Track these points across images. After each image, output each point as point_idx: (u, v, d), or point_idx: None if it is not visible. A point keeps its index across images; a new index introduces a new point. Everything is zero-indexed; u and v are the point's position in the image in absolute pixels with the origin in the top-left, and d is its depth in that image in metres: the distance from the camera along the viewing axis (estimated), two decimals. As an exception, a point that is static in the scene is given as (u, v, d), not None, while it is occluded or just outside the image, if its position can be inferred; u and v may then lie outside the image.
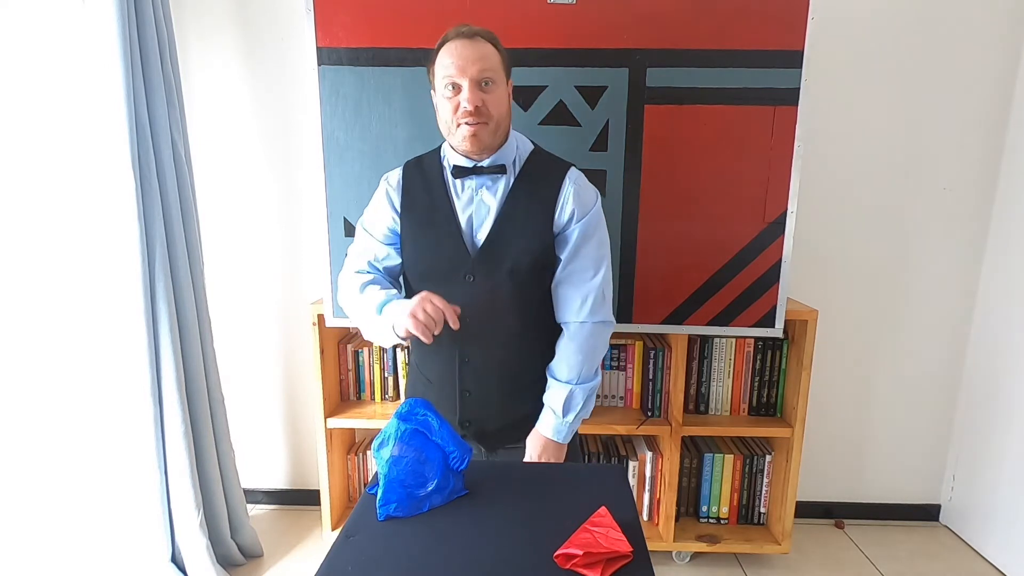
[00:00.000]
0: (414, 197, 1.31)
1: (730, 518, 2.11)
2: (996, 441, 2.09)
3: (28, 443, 1.81)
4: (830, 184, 2.09)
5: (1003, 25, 1.99)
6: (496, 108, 1.20)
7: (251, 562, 2.09)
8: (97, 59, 1.64)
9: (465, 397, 1.32)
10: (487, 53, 1.19)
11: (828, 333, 2.14)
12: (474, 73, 1.17)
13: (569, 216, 1.25)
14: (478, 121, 1.18)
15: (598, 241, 1.29)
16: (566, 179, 1.27)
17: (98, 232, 1.76)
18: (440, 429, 1.03)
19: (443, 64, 1.19)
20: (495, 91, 1.20)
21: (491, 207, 1.26)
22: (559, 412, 1.29)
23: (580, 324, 1.28)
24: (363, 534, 0.93)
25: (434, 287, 1.23)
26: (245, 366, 2.29)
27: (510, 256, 1.23)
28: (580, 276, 1.27)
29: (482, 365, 1.30)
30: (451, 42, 1.19)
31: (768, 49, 1.64)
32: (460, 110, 1.18)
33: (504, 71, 1.24)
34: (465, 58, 1.17)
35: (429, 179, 1.30)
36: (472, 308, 1.23)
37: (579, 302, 1.27)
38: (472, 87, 1.17)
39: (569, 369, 1.28)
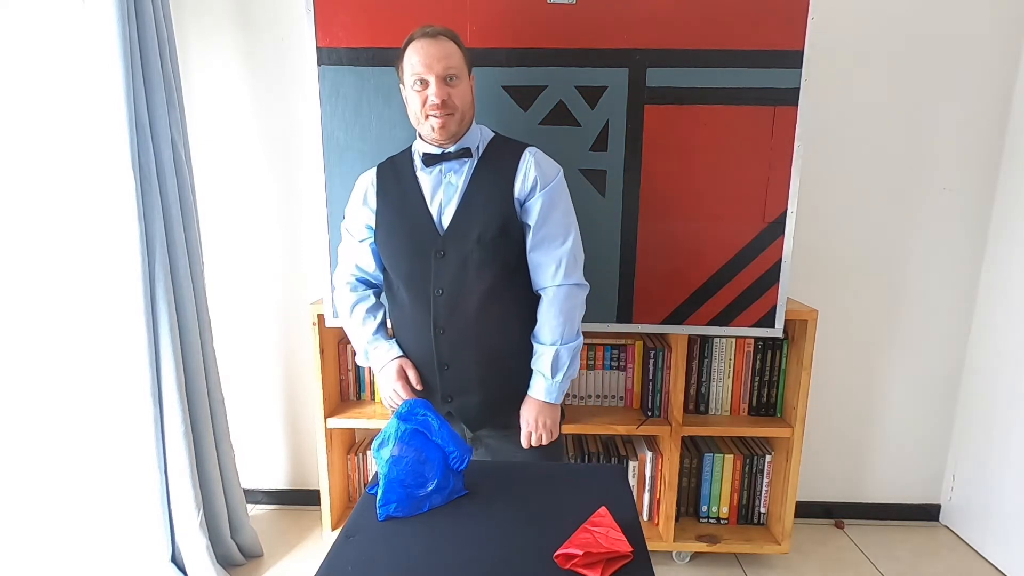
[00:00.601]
0: (388, 190, 1.42)
1: (730, 518, 2.11)
2: (996, 441, 2.09)
3: (28, 443, 1.81)
4: (830, 184, 2.09)
5: (1003, 26, 1.99)
6: (461, 100, 1.32)
7: (251, 562, 2.09)
8: (97, 59, 1.64)
9: (444, 371, 1.38)
10: (450, 51, 1.30)
11: (828, 333, 2.14)
12: (439, 70, 1.28)
13: (532, 185, 1.35)
14: (445, 113, 1.30)
15: (563, 210, 1.39)
16: (525, 153, 1.37)
17: (98, 232, 1.76)
18: (440, 429, 1.03)
19: (411, 62, 1.30)
20: (459, 85, 1.32)
21: (457, 186, 1.36)
22: (548, 374, 1.36)
23: (557, 288, 1.36)
24: (363, 534, 0.93)
25: (406, 266, 1.38)
26: (245, 366, 2.29)
27: (476, 227, 1.33)
28: (551, 242, 1.36)
29: (458, 337, 1.37)
30: (417, 41, 1.31)
31: (768, 49, 1.64)
32: (428, 103, 1.30)
33: (466, 66, 1.35)
34: (431, 56, 1.28)
35: (401, 173, 1.42)
36: (444, 281, 1.34)
37: (553, 267, 1.36)
38: (439, 83, 1.28)
39: (551, 331, 1.36)
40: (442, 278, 1.34)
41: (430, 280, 1.35)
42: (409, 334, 1.42)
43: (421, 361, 1.41)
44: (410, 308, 1.39)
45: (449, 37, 1.32)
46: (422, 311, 1.36)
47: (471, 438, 1.47)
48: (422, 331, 1.38)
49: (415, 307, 1.37)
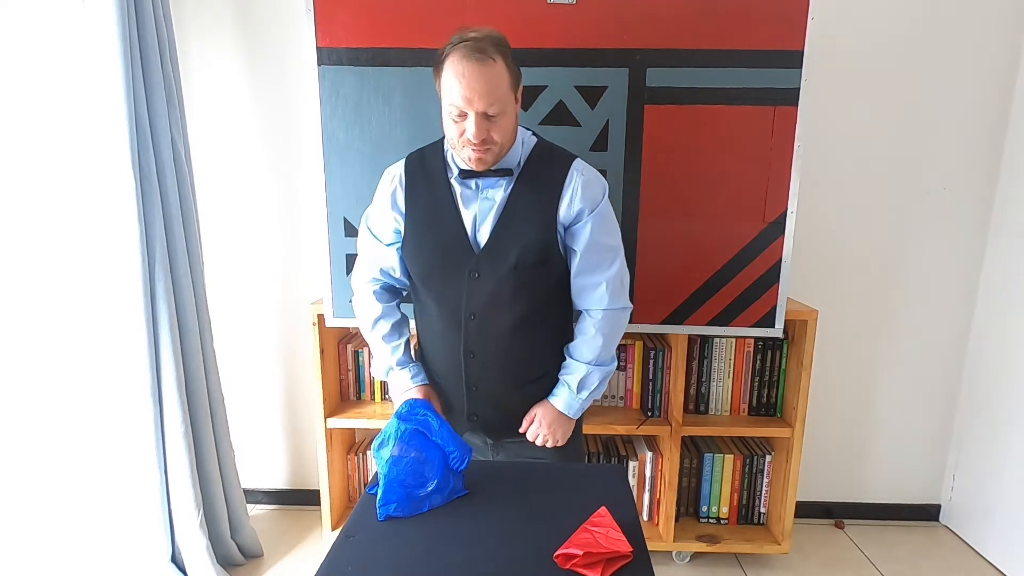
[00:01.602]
0: (417, 194, 1.30)
1: (730, 518, 2.11)
2: (996, 441, 2.09)
3: (28, 443, 1.81)
4: (830, 184, 2.09)
5: (1003, 25, 1.99)
6: (502, 134, 1.19)
7: (251, 562, 2.09)
8: (97, 59, 1.64)
9: (472, 392, 1.34)
10: (496, 78, 1.15)
11: (828, 333, 2.14)
12: (481, 107, 1.14)
13: (579, 211, 1.25)
14: (484, 148, 1.18)
15: (611, 232, 1.31)
16: (571, 171, 1.26)
17: (98, 232, 1.76)
18: (440, 429, 1.03)
19: (450, 86, 1.15)
20: (502, 118, 1.18)
21: (495, 203, 1.26)
22: (574, 388, 1.31)
23: (603, 312, 1.30)
24: (363, 534, 0.93)
25: (438, 283, 1.29)
26: (245, 366, 2.28)
27: (514, 251, 1.24)
28: (597, 268, 1.29)
29: (488, 359, 1.31)
30: (460, 61, 1.13)
31: (768, 49, 1.64)
32: (465, 137, 1.18)
33: (513, 90, 1.20)
34: (473, 89, 1.13)
35: (432, 175, 1.30)
36: (477, 304, 1.26)
37: (599, 292, 1.29)
38: (478, 120, 1.15)
39: (589, 351, 1.31)
40: (475, 301, 1.26)
41: (462, 301, 1.27)
42: (437, 351, 1.37)
43: (448, 379, 1.36)
44: (439, 325, 1.32)
45: (498, 52, 1.15)
46: (452, 331, 1.30)
47: (492, 443, 1.43)
48: (451, 351, 1.32)
49: (445, 326, 1.31)
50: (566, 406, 1.33)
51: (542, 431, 1.34)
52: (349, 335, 2.15)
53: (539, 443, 1.35)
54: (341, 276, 1.81)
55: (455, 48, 1.15)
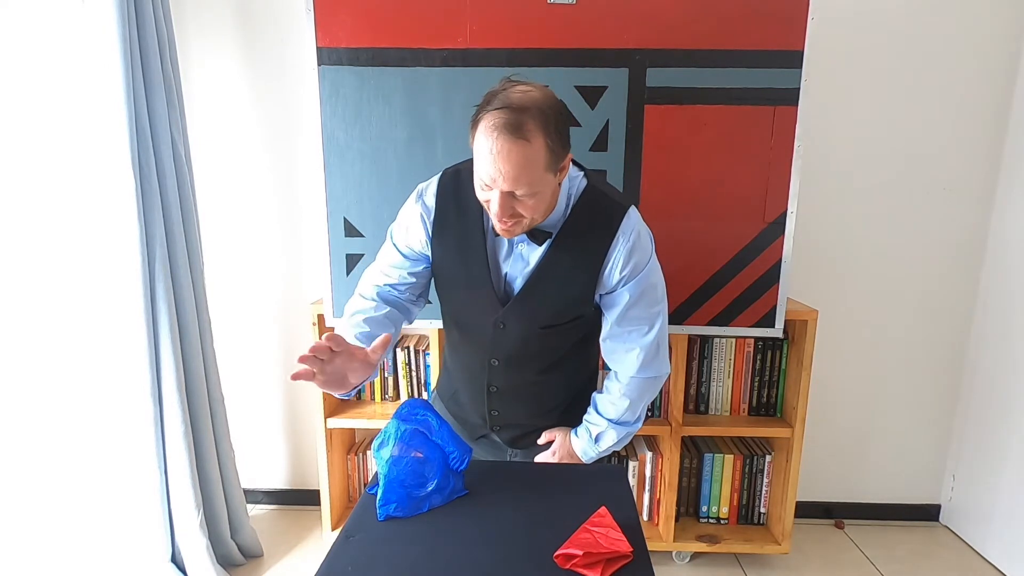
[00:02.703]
0: (447, 227, 1.18)
1: (730, 518, 2.11)
2: (996, 441, 2.09)
3: (28, 443, 1.81)
4: (830, 184, 2.09)
5: (1003, 25, 1.99)
6: (532, 212, 1.05)
7: (251, 562, 2.09)
8: (97, 59, 1.64)
9: (493, 416, 1.32)
10: (529, 163, 0.98)
11: (828, 333, 2.14)
12: (507, 188, 1.00)
13: (619, 280, 1.15)
14: (511, 221, 1.05)
15: (652, 298, 1.19)
16: (618, 236, 1.13)
17: (98, 232, 1.76)
18: (440, 429, 1.03)
19: (479, 154, 1.01)
20: (531, 199, 1.03)
21: (530, 262, 1.15)
22: (593, 438, 1.28)
23: (631, 378, 1.22)
24: (363, 534, 0.93)
25: (464, 329, 1.26)
26: (245, 366, 2.29)
27: (545, 312, 1.17)
28: (631, 335, 1.20)
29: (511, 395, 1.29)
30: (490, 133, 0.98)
31: (768, 49, 1.64)
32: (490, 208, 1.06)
33: (551, 171, 1.03)
34: (499, 170, 0.98)
35: (465, 208, 1.16)
36: (501, 351, 1.22)
37: (631, 359, 1.21)
38: (503, 199, 1.01)
39: (613, 411, 1.25)
40: (500, 349, 1.22)
41: (487, 347, 1.23)
42: (459, 372, 1.33)
43: (470, 395, 1.33)
44: (465, 358, 1.29)
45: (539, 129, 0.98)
46: (477, 370, 1.27)
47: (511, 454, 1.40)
48: (474, 384, 1.30)
49: (470, 361, 1.28)
50: (582, 452, 1.30)
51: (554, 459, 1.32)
52: (349, 335, 2.14)
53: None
54: (341, 276, 1.81)
55: (490, 112, 0.99)
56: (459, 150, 1.72)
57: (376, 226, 1.77)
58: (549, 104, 1.01)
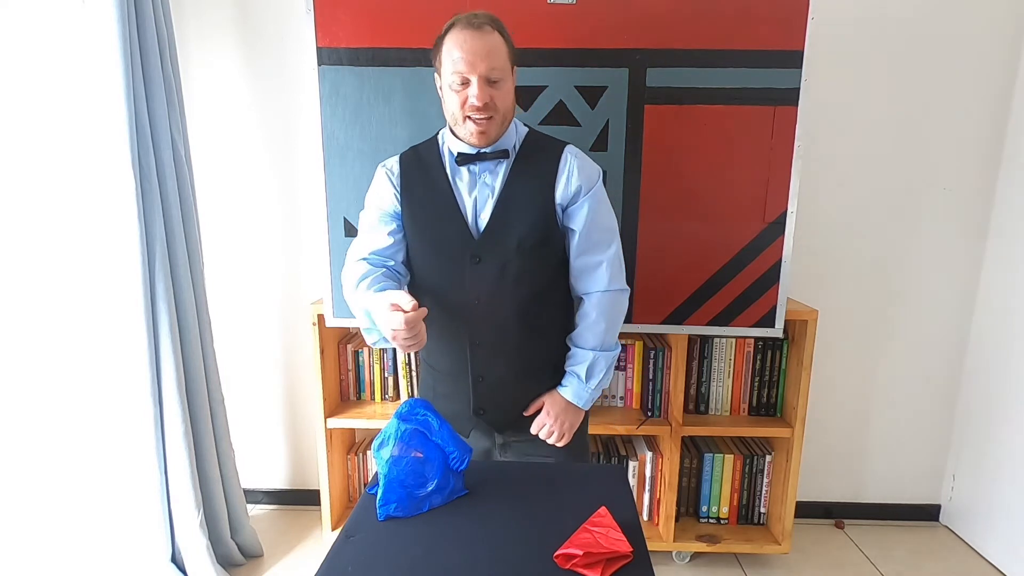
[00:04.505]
0: (413, 185, 1.31)
1: (730, 518, 2.11)
2: (996, 441, 2.09)
3: (28, 443, 1.81)
4: (830, 184, 2.09)
5: (1003, 25, 1.99)
6: (503, 102, 1.22)
7: (251, 562, 2.09)
8: (97, 59, 1.64)
9: (478, 383, 1.33)
10: (495, 46, 1.19)
11: (828, 333, 2.14)
12: (483, 70, 1.17)
13: (576, 190, 1.27)
14: (486, 116, 1.20)
15: (607, 213, 1.32)
16: (565, 153, 1.29)
17: (98, 232, 1.76)
18: (440, 429, 1.03)
19: (451, 56, 1.18)
20: (503, 86, 1.21)
21: (494, 187, 1.27)
22: (583, 377, 1.31)
23: (602, 293, 1.31)
24: (363, 534, 0.93)
25: (440, 273, 1.30)
26: (245, 366, 2.29)
27: (515, 233, 1.25)
28: (597, 247, 1.30)
29: (493, 348, 1.31)
30: (459, 31, 1.18)
31: (768, 49, 1.64)
32: (468, 104, 1.19)
33: (511, 62, 1.24)
34: (474, 53, 1.16)
35: (428, 167, 1.31)
36: (480, 290, 1.27)
37: (599, 272, 1.30)
38: (481, 84, 1.17)
39: (594, 337, 1.31)
40: (478, 287, 1.26)
41: (465, 289, 1.27)
42: (442, 346, 1.34)
43: (453, 374, 1.34)
44: (443, 318, 1.30)
45: (495, 27, 1.20)
46: (455, 322, 1.30)
47: (500, 443, 1.41)
48: (455, 343, 1.32)
49: (449, 317, 1.30)
50: (575, 396, 1.32)
51: (549, 421, 1.33)
52: (349, 335, 2.15)
53: (544, 436, 1.34)
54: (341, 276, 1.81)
55: (453, 25, 1.20)
56: (459, 150, 1.72)
57: (376, 226, 1.77)
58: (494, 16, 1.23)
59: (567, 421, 1.34)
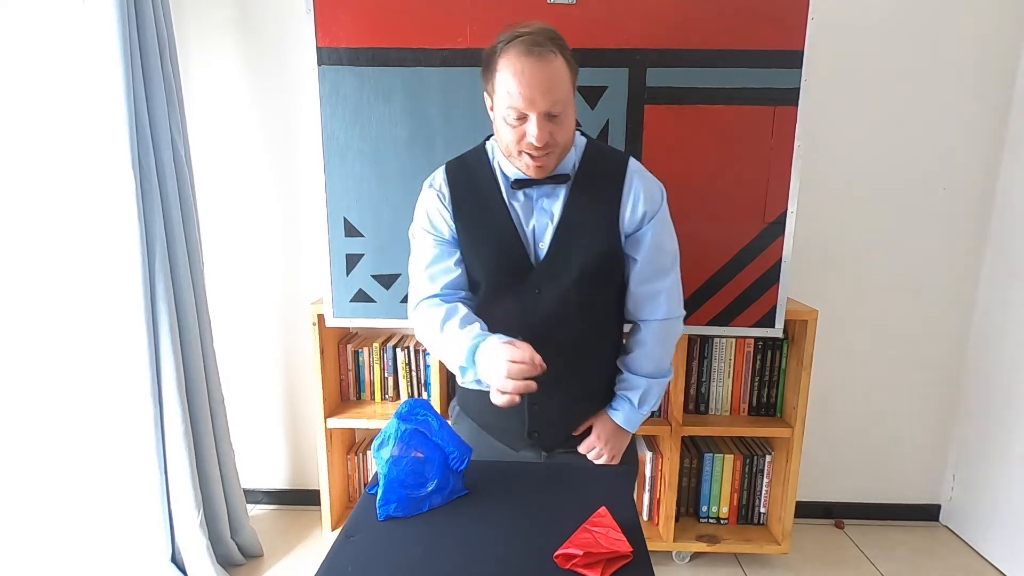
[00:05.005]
0: (467, 208, 1.21)
1: (730, 518, 2.11)
2: (996, 441, 2.09)
3: (28, 443, 1.81)
4: (830, 184, 2.09)
5: (1003, 25, 1.99)
6: (563, 135, 1.11)
7: (251, 562, 2.09)
8: (97, 59, 1.64)
9: (533, 409, 1.26)
10: (558, 76, 1.06)
11: (828, 333, 2.14)
12: (544, 106, 1.05)
13: (641, 216, 1.19)
14: (544, 152, 1.09)
15: (670, 236, 1.26)
16: (629, 175, 1.19)
17: (98, 232, 1.76)
18: (440, 429, 1.03)
19: (507, 87, 1.06)
20: (564, 118, 1.09)
21: (553, 213, 1.18)
22: (636, 403, 1.27)
23: (660, 322, 1.25)
24: (363, 534, 0.93)
25: (497, 301, 1.22)
26: (245, 366, 2.29)
27: (576, 263, 1.18)
28: (657, 275, 1.24)
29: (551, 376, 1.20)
30: (517, 59, 1.04)
31: (768, 49, 1.64)
32: (525, 142, 1.08)
33: (573, 86, 1.11)
34: (534, 88, 1.04)
35: (480, 186, 1.20)
36: (539, 319, 1.20)
37: (659, 300, 1.24)
38: (540, 121, 1.06)
39: (649, 363, 1.26)
40: (537, 318, 1.19)
41: (523, 318, 1.19)
42: None
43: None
44: None
45: (557, 49, 1.06)
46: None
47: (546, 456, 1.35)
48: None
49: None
50: (626, 421, 1.28)
51: (599, 445, 1.29)
52: (349, 335, 2.15)
53: (594, 458, 1.30)
54: (341, 276, 1.81)
55: (509, 45, 1.06)
56: (459, 150, 1.71)
57: (376, 226, 1.77)
58: (554, 30, 1.09)
59: (617, 444, 1.30)
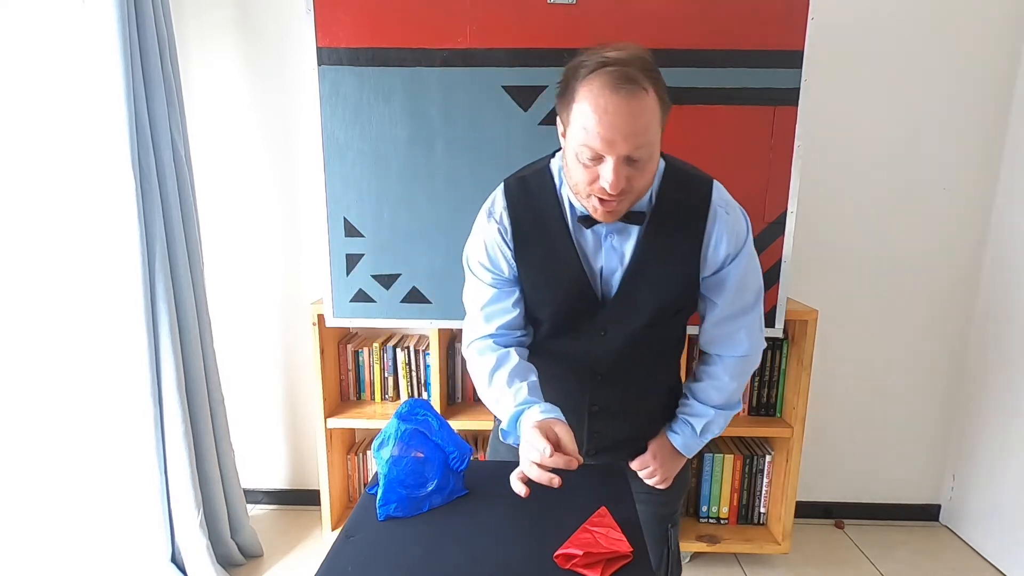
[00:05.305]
0: (527, 242, 1.08)
1: (730, 518, 2.11)
2: (996, 441, 2.09)
3: (28, 443, 1.81)
4: (830, 184, 2.09)
5: (1003, 25, 1.99)
6: (642, 181, 0.95)
7: (251, 562, 2.09)
8: (97, 59, 1.64)
9: (593, 437, 1.22)
10: (646, 117, 0.90)
11: (828, 333, 2.14)
12: (625, 151, 0.90)
13: (724, 258, 1.08)
14: (617, 198, 0.95)
15: (755, 272, 1.13)
16: (714, 210, 1.05)
17: (98, 232, 1.76)
18: (440, 429, 1.03)
19: (584, 122, 0.91)
20: (646, 162, 0.93)
21: (624, 254, 1.06)
22: (697, 430, 1.19)
23: (738, 358, 1.16)
24: (363, 534, 0.93)
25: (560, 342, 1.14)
26: (245, 366, 2.29)
27: (648, 307, 1.08)
28: (738, 314, 1.13)
29: (613, 412, 1.19)
30: (601, 93, 0.89)
31: (768, 49, 1.64)
32: (597, 186, 0.93)
33: (661, 127, 0.95)
34: (616, 130, 0.88)
35: (542, 215, 1.07)
36: (604, 363, 1.13)
37: (738, 338, 1.14)
38: (618, 166, 0.90)
39: (719, 396, 1.18)
40: (602, 362, 1.13)
41: (586, 358, 1.13)
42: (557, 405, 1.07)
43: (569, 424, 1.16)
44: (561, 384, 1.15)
45: (650, 82, 0.90)
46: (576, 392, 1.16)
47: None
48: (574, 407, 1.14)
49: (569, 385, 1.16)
50: (684, 447, 1.20)
51: (654, 465, 1.22)
52: (349, 335, 2.15)
53: (645, 477, 1.23)
54: (341, 276, 1.81)
55: (595, 74, 0.90)
56: (459, 150, 1.72)
57: (376, 226, 1.77)
58: (648, 57, 0.93)
59: (671, 467, 1.23)
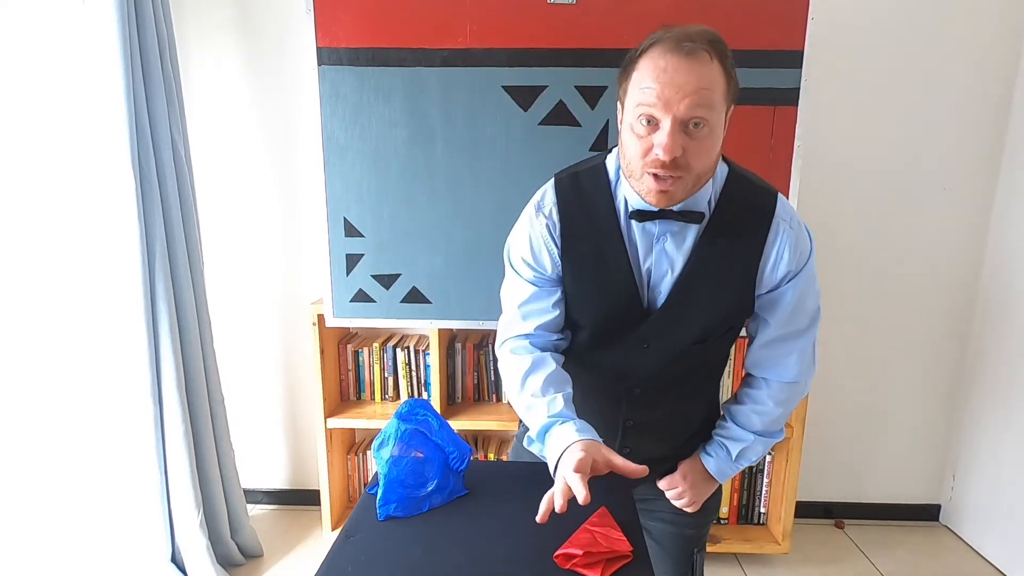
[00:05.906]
0: (576, 242, 1.01)
1: (730, 518, 2.11)
2: (996, 441, 2.09)
3: (28, 443, 1.81)
4: (830, 184, 2.09)
5: (1003, 25, 1.99)
6: (701, 159, 0.88)
7: (251, 562, 2.09)
8: (97, 59, 1.64)
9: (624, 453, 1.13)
10: (708, 80, 0.86)
11: (828, 333, 2.14)
12: (682, 111, 0.84)
13: (783, 276, 1.00)
14: (672, 175, 0.87)
15: (813, 294, 1.04)
16: (776, 223, 0.98)
17: (98, 232, 1.76)
18: (440, 429, 1.03)
19: (642, 83, 0.87)
20: (705, 136, 0.87)
21: (675, 261, 0.98)
22: (733, 455, 1.11)
23: (785, 384, 1.08)
24: (363, 534, 0.93)
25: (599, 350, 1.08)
26: (245, 366, 2.28)
27: (697, 322, 1.00)
28: (791, 337, 1.04)
29: (648, 429, 1.13)
30: (661, 55, 0.87)
31: (768, 49, 1.64)
32: (651, 156, 0.87)
33: (727, 102, 0.90)
34: (675, 86, 0.84)
35: (594, 214, 1.00)
36: (643, 377, 1.07)
37: (788, 362, 1.06)
38: (674, 129, 0.84)
39: (761, 422, 1.09)
40: (642, 375, 1.06)
41: (625, 372, 1.06)
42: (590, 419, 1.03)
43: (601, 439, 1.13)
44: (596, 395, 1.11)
45: (714, 53, 0.88)
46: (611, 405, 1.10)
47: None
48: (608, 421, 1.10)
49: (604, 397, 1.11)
50: (718, 472, 1.12)
51: (684, 486, 1.15)
52: (349, 335, 2.15)
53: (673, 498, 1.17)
54: (341, 276, 1.81)
55: (658, 42, 0.89)
56: (459, 150, 1.72)
57: (376, 226, 1.77)
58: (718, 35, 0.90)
59: (701, 491, 1.16)
